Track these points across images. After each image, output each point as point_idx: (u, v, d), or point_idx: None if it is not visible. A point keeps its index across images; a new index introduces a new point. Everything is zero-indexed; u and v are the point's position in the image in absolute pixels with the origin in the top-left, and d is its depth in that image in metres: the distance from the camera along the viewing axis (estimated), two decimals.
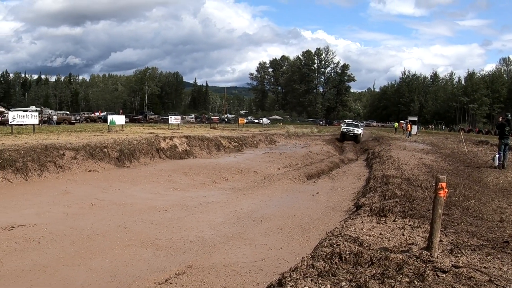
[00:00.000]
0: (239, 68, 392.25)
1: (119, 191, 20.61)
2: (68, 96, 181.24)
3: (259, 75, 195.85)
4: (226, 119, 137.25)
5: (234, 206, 18.75)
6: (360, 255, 7.84)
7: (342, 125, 78.83)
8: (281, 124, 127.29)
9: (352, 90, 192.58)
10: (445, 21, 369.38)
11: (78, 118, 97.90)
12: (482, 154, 37.89)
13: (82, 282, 9.86)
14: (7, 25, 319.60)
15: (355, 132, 67.79)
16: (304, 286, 6.44)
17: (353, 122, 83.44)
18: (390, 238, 9.48)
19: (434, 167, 24.43)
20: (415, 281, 6.96)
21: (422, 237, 9.27)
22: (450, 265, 7.68)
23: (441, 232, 8.51)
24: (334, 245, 8.53)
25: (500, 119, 29.95)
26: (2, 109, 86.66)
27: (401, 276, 7.07)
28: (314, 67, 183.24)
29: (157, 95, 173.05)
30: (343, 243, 8.69)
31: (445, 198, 8.33)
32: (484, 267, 7.80)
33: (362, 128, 74.21)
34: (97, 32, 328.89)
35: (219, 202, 19.56)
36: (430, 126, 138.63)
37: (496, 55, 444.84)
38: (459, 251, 8.54)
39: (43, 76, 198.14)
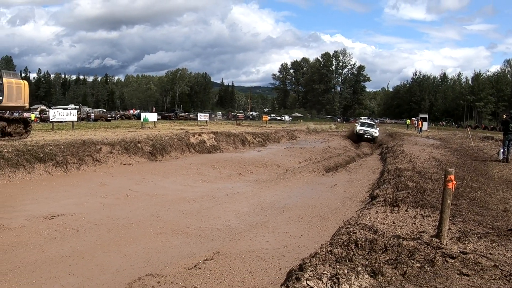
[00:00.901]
0: (263, 69, 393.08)
1: (152, 183, 20.66)
2: (105, 95, 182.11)
3: (281, 76, 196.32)
4: (250, 117, 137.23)
5: (258, 197, 18.74)
6: (374, 242, 7.81)
7: (357, 125, 65.43)
8: (301, 121, 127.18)
9: (367, 90, 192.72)
10: (454, 25, 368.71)
11: (113, 115, 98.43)
12: (487, 149, 37.68)
13: (118, 267, 9.88)
14: (48, 29, 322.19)
15: (372, 134, 58.81)
16: (323, 271, 6.40)
17: (368, 121, 74.42)
18: (403, 227, 9.44)
19: (443, 161, 24.30)
20: (426, 266, 6.94)
21: (432, 226, 9.23)
22: (458, 251, 7.65)
23: (449, 221, 8.47)
24: (351, 233, 8.50)
25: (504, 116, 30.08)
26: (44, 107, 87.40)
27: (412, 261, 7.06)
28: (332, 68, 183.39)
29: (187, 94, 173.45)
30: (359, 231, 8.66)
31: (453, 189, 8.31)
32: (490, 253, 7.76)
33: (377, 128, 64.07)
34: (132, 35, 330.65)
35: (244, 193, 19.55)
36: (441, 123, 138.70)
37: (501, 57, 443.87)
38: (467, 239, 8.51)
39: (81, 77, 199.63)
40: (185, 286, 8.67)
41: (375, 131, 59.62)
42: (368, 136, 58.62)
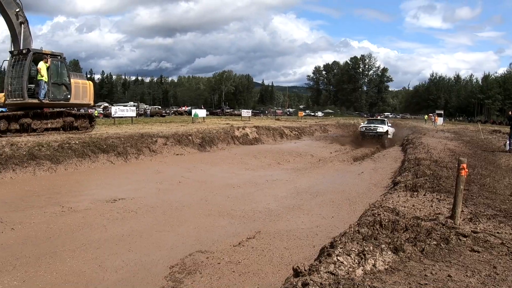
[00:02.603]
0: (299, 71, 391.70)
1: (201, 171, 20.79)
2: (160, 94, 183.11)
3: (315, 77, 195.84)
4: (288, 113, 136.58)
5: (294, 183, 18.75)
6: (396, 222, 7.80)
7: (362, 123, 49.14)
8: (332, 116, 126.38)
9: (390, 89, 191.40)
10: (466, 33, 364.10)
11: (168, 111, 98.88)
12: (495, 141, 37.15)
13: (171, 244, 9.98)
14: (112, 36, 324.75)
15: (378, 130, 41.88)
16: (351, 248, 6.42)
17: (377, 118, 60.45)
18: (421, 209, 9.40)
19: (456, 151, 24.05)
20: (441, 244, 6.93)
21: (447, 208, 9.17)
22: (470, 231, 7.62)
23: (462, 204, 8.43)
24: (376, 215, 8.49)
25: (510, 112, 30.26)
26: (107, 104, 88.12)
27: (430, 239, 7.05)
28: (360, 70, 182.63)
29: (232, 93, 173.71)
30: (383, 213, 8.64)
31: (465, 176, 8.31)
32: (497, 233, 7.71)
33: (389, 125, 45.60)
34: (185, 41, 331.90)
35: (282, 179, 19.58)
36: (458, 118, 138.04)
37: (508, 61, 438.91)
38: (477, 220, 8.47)
39: (139, 78, 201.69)
40: (230, 261, 8.74)
41: (382, 127, 42.36)
42: (372, 134, 41.78)
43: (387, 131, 42.65)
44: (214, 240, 10.21)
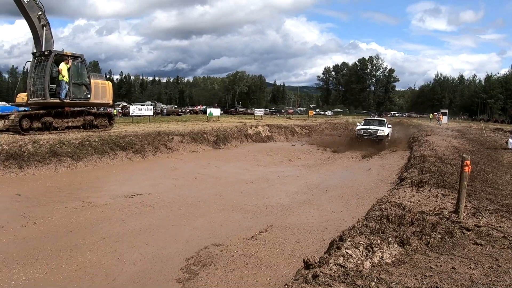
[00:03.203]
0: (310, 72, 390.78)
1: (216, 167, 20.86)
2: (176, 93, 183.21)
3: (324, 77, 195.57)
4: (299, 111, 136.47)
5: (305, 179, 18.77)
6: (403, 217, 7.81)
7: (358, 125, 41.12)
8: (341, 115, 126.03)
9: (396, 89, 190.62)
10: (470, 35, 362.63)
11: (183, 110, 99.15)
12: (498, 139, 37.00)
13: (187, 237, 10.04)
14: (130, 38, 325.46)
15: (378, 133, 35.51)
16: (360, 241, 6.44)
17: (376, 118, 48.54)
18: (426, 204, 9.40)
19: (460, 149, 23.96)
20: (446, 237, 6.95)
21: (451, 203, 9.16)
22: (473, 224, 7.62)
23: (466, 199, 8.42)
24: (383, 209, 8.50)
25: None
26: (125, 104, 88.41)
27: (435, 233, 7.07)
28: (368, 71, 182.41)
29: (245, 92, 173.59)
30: (390, 208, 8.65)
31: (469, 172, 8.29)
32: (499, 226, 7.72)
33: (389, 127, 38.82)
34: (200, 44, 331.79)
35: (293, 176, 19.62)
36: (463, 117, 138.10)
37: (509, 62, 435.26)
38: (480, 214, 8.47)
39: (156, 78, 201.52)
40: (243, 254, 8.78)
41: (383, 130, 35.93)
42: (371, 138, 35.32)
43: (388, 134, 36.12)
44: (228, 234, 10.26)
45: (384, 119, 42.65)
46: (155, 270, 8.11)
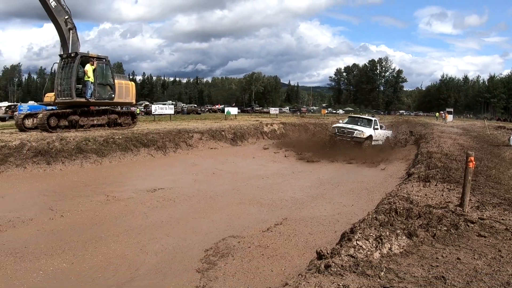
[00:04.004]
0: (322, 73, 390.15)
1: (233, 163, 20.93)
2: (196, 93, 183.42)
3: (336, 78, 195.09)
4: (312, 110, 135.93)
5: (318, 174, 18.79)
6: (410, 210, 7.82)
7: (340, 122, 32.93)
8: (352, 114, 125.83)
9: (404, 89, 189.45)
10: (474, 38, 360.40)
11: (203, 109, 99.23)
12: (500, 136, 36.62)
13: (206, 230, 10.11)
14: (152, 41, 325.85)
15: (354, 134, 27.41)
16: (370, 233, 6.48)
17: (364, 117, 34.69)
18: (433, 198, 9.38)
19: (465, 145, 23.77)
20: (451, 230, 6.96)
21: (456, 197, 9.15)
22: (477, 217, 7.62)
23: (470, 193, 8.40)
24: (392, 203, 8.51)
25: None
26: (147, 103, 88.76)
27: (441, 225, 7.08)
28: (377, 72, 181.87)
29: (261, 92, 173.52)
30: (398, 201, 8.66)
31: (473, 168, 8.29)
32: (502, 219, 7.70)
33: (381, 127, 31.17)
34: (219, 46, 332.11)
35: (306, 171, 19.63)
36: (468, 115, 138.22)
37: (511, 63, 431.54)
38: (484, 207, 8.45)
39: (177, 79, 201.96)
40: (259, 245, 8.84)
41: (362, 131, 27.53)
42: (346, 138, 27.32)
43: (371, 136, 27.78)
44: (245, 226, 10.32)
45: (375, 119, 31.20)
46: (176, 261, 8.19)
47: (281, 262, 7.97)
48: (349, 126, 28.47)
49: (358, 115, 38.73)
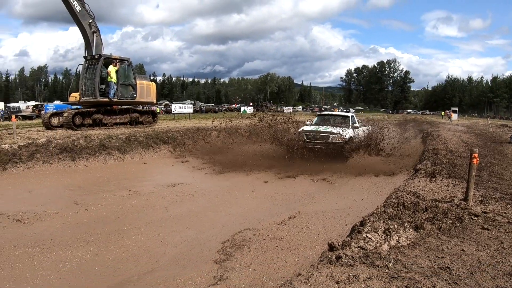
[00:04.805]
0: (334, 74, 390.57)
1: None
2: (213, 93, 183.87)
3: (347, 78, 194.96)
4: (323, 109, 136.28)
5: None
6: (417, 204, 7.83)
7: (307, 123, 24.23)
8: (362, 112, 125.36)
9: (412, 89, 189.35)
10: (478, 41, 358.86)
11: (220, 108, 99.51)
12: (503, 134, 36.29)
13: (223, 223, 10.18)
14: (173, 44, 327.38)
15: (330, 138, 19.73)
16: (379, 226, 6.51)
17: (337, 113, 27.01)
18: (439, 192, 9.36)
19: (469, 143, 23.63)
20: (456, 222, 6.98)
21: (461, 192, 9.13)
22: (481, 211, 7.61)
23: (474, 188, 8.38)
24: (399, 197, 8.51)
25: None
26: (167, 102, 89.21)
27: (446, 219, 7.09)
28: (386, 73, 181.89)
29: (275, 92, 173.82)
30: (406, 196, 8.66)
31: (477, 164, 8.28)
32: (504, 213, 7.68)
33: (359, 127, 22.33)
34: (236, 48, 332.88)
35: None
36: (473, 114, 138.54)
37: None
38: (487, 202, 8.43)
39: (196, 79, 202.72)
40: (274, 238, 8.89)
41: (338, 132, 20.04)
42: (318, 145, 19.84)
43: (351, 138, 20.36)
44: (260, 219, 10.36)
45: (352, 115, 24.76)
46: (195, 252, 8.27)
47: (295, 254, 8.01)
48: (322, 128, 20.97)
49: (329, 112, 30.66)
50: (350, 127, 21.27)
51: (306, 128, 21.97)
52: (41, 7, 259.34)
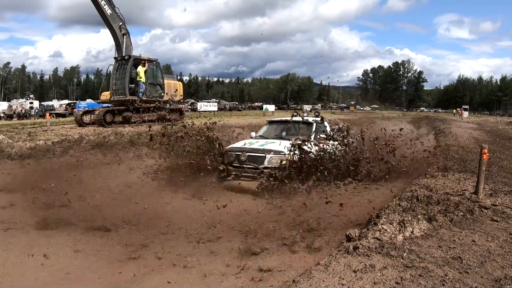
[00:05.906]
0: (351, 74, 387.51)
1: None
2: (237, 92, 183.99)
3: (363, 78, 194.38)
4: (341, 107, 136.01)
5: None
6: (430, 197, 7.82)
7: (252, 135, 16.49)
8: (378, 111, 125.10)
9: (425, 88, 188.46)
10: (488, 42, 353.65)
11: (243, 106, 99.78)
12: (511, 131, 36.07)
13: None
14: (199, 45, 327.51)
15: (266, 162, 11.46)
16: (394, 218, 6.54)
17: (297, 120, 14.22)
18: (450, 186, 9.34)
19: (479, 139, 23.38)
20: (467, 215, 6.98)
21: (471, 186, 9.08)
22: (490, 204, 7.59)
23: (484, 182, 8.35)
24: (413, 191, 8.51)
25: None
26: (193, 101, 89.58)
27: (457, 211, 7.09)
28: (400, 73, 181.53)
29: (295, 91, 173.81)
30: (419, 189, 8.65)
31: (487, 159, 8.26)
32: None
33: (346, 136, 12.52)
34: (259, 50, 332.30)
35: None
36: (485, 112, 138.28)
37: None
38: (496, 195, 8.40)
39: (220, 79, 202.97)
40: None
41: (279, 151, 11.58)
42: (245, 172, 11.77)
43: (319, 155, 11.69)
44: None
45: (324, 121, 14.31)
46: None
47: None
48: (259, 143, 13.25)
49: (285, 118, 16.17)
50: (314, 138, 12.71)
51: (236, 145, 14.41)
52: (74, 11, 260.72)
